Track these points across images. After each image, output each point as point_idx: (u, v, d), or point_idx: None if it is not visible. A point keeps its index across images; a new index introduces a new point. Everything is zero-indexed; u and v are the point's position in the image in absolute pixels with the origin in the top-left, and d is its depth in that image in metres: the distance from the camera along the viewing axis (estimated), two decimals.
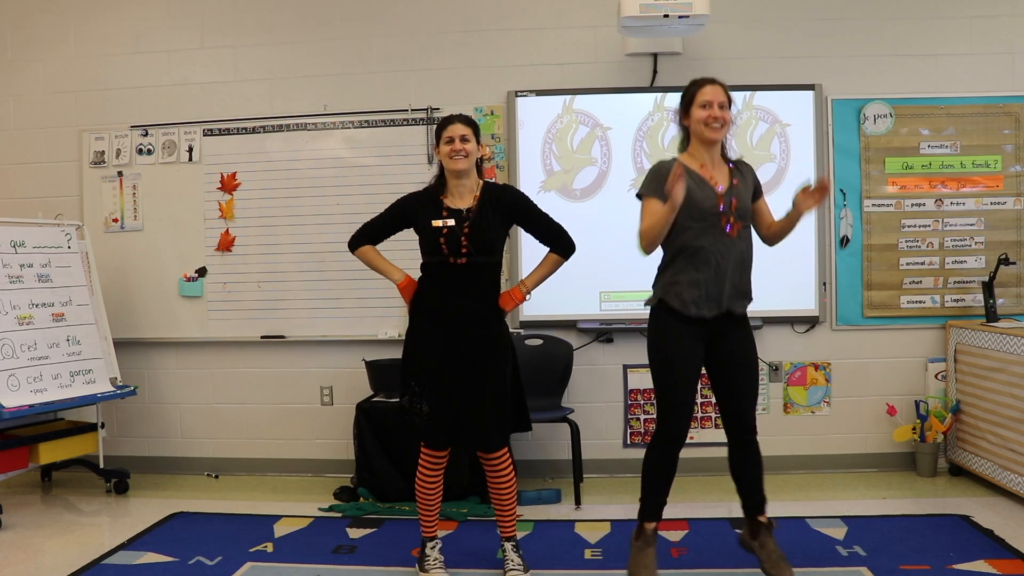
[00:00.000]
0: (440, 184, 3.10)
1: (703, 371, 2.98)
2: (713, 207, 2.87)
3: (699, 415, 4.60)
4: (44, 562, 3.41)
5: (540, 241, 3.19)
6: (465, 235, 3.00)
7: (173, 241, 4.80)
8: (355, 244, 3.20)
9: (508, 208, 3.10)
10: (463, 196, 3.07)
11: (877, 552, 3.30)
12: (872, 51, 4.54)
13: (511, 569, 3.12)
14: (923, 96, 4.52)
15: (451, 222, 3.00)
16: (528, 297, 3.22)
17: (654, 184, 2.86)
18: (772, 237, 3.09)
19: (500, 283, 3.14)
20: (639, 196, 2.94)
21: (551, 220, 3.18)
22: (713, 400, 3.26)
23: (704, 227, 2.87)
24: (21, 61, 4.90)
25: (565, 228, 3.19)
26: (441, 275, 3.05)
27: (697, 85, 2.95)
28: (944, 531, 3.54)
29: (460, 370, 3.04)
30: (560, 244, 3.17)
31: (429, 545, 3.19)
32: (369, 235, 3.19)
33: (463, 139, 3.02)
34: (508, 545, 3.18)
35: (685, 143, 3.02)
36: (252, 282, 4.75)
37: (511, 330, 4.57)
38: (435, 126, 3.19)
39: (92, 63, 4.85)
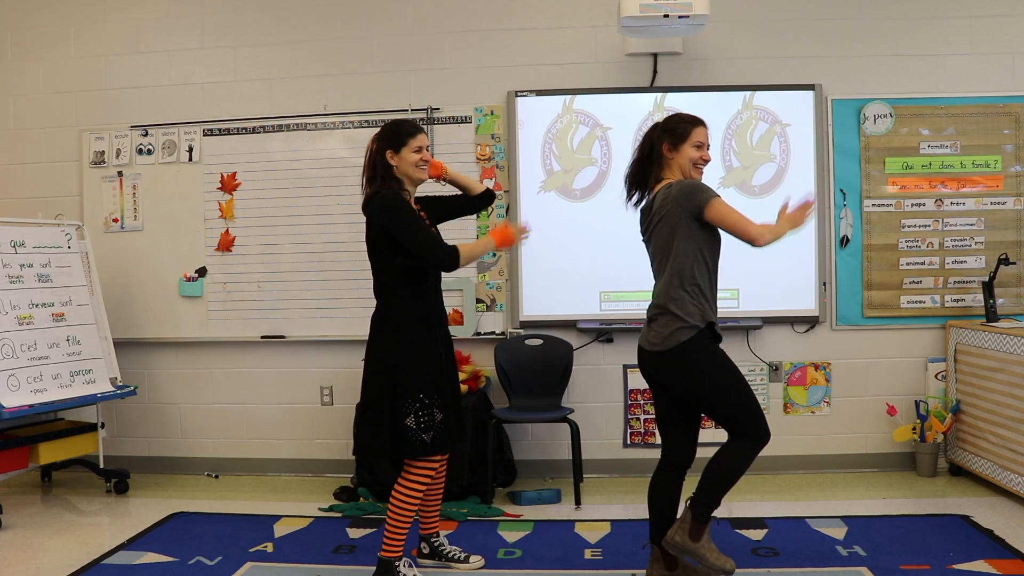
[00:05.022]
0: (401, 189, 3.02)
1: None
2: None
3: None
4: (44, 562, 3.42)
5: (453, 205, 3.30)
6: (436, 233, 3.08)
7: (173, 241, 4.80)
8: (446, 254, 2.94)
9: (431, 213, 3.19)
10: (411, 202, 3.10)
11: (877, 552, 3.30)
12: (872, 51, 4.54)
13: (464, 556, 3.28)
14: (923, 96, 4.52)
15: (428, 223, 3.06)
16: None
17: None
18: None
19: None
20: (709, 197, 2.81)
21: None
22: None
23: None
24: (21, 61, 4.90)
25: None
26: (431, 278, 3.05)
27: (693, 123, 2.94)
28: (944, 531, 3.54)
29: (448, 369, 3.10)
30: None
31: (404, 563, 3.09)
32: (437, 242, 2.97)
33: (427, 148, 3.05)
34: (444, 538, 3.37)
35: (644, 174, 2.97)
36: (252, 282, 4.75)
37: (511, 329, 4.62)
38: (388, 130, 3.03)
39: (92, 63, 4.85)
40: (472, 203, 3.30)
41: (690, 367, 2.81)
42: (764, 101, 4.54)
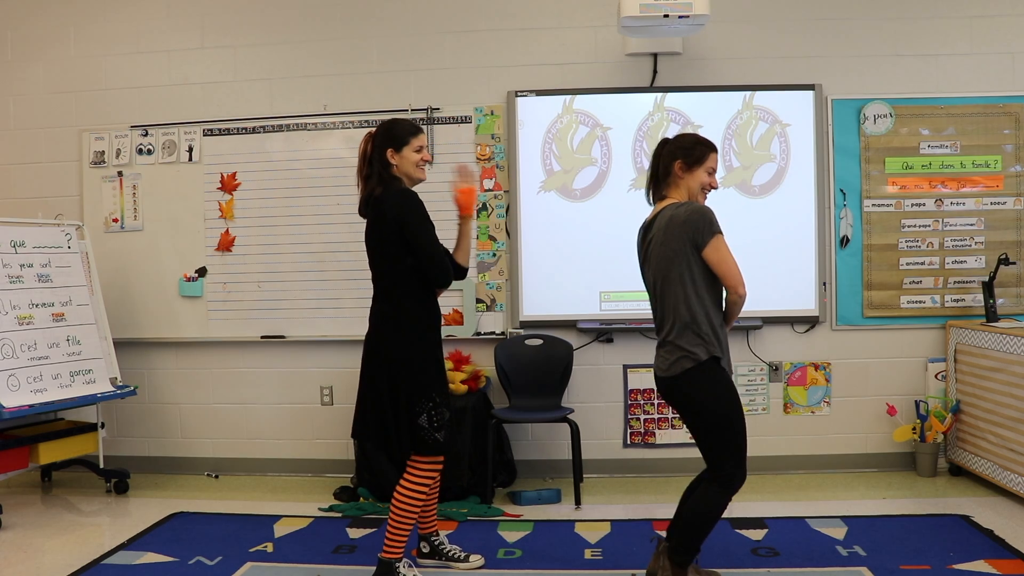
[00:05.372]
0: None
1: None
2: None
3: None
4: (44, 562, 3.42)
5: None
6: None
7: (173, 241, 4.80)
8: (446, 269, 2.97)
9: None
10: None
11: (877, 552, 3.30)
12: (872, 51, 4.54)
13: (464, 555, 3.28)
14: (923, 96, 4.52)
15: None
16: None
17: (717, 223, 2.78)
18: None
19: None
20: (715, 234, 2.75)
21: None
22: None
23: None
24: (21, 61, 4.91)
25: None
26: None
27: (709, 148, 2.89)
28: (944, 531, 3.54)
29: None
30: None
31: (404, 564, 3.08)
32: (445, 258, 3.00)
33: (426, 148, 3.05)
34: (444, 537, 3.37)
35: (659, 187, 2.93)
36: (252, 282, 4.75)
37: (511, 329, 4.62)
38: (388, 129, 3.01)
39: (92, 63, 4.85)
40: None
41: (693, 392, 2.80)
42: (764, 101, 4.54)
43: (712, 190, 2.92)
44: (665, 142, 2.93)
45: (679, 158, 2.86)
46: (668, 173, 2.89)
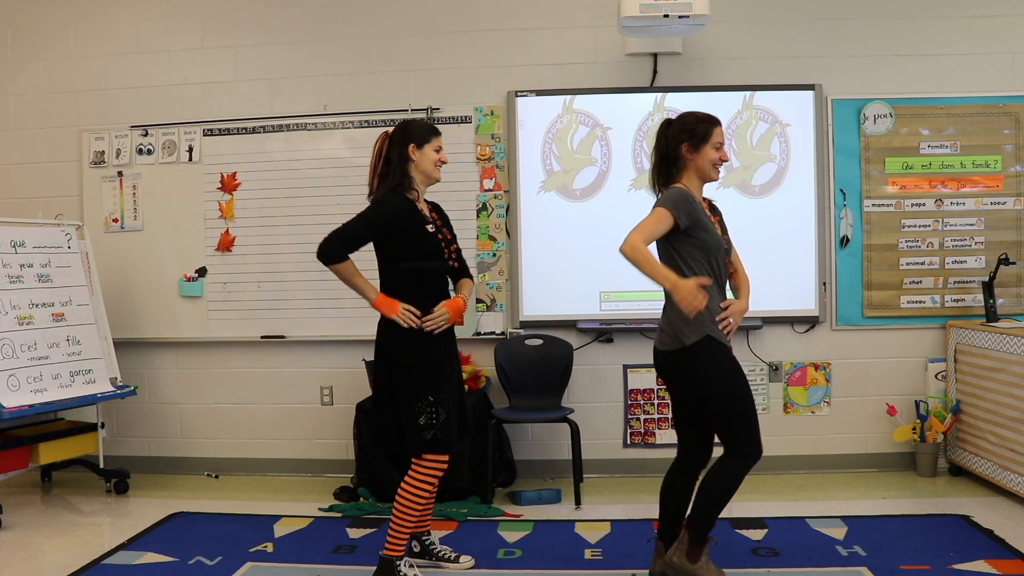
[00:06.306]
0: (410, 188, 3.04)
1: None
2: (721, 242, 2.90)
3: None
4: (44, 562, 3.42)
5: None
6: (448, 240, 3.11)
7: (173, 241, 4.80)
8: (334, 254, 2.98)
9: (446, 222, 3.20)
10: (422, 204, 3.11)
11: (877, 552, 3.30)
12: (872, 51, 4.54)
13: (455, 555, 3.28)
14: (923, 96, 4.52)
15: (432, 228, 3.05)
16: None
17: (681, 206, 2.77)
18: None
19: None
20: (653, 207, 2.82)
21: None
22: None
23: (720, 260, 2.90)
24: (21, 61, 4.91)
25: None
26: (435, 280, 3.06)
27: (712, 123, 2.89)
28: (944, 531, 3.54)
29: (455, 371, 3.12)
30: (467, 272, 3.23)
31: (406, 563, 3.08)
32: (348, 246, 2.99)
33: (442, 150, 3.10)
34: (435, 537, 3.35)
35: (667, 173, 2.92)
36: (252, 282, 4.75)
37: (511, 329, 4.62)
38: (409, 126, 3.08)
39: (92, 63, 4.85)
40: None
41: (695, 368, 2.82)
42: (764, 101, 4.54)
43: (723, 163, 2.91)
44: (668, 123, 2.95)
45: (684, 140, 2.87)
46: (677, 157, 2.89)
